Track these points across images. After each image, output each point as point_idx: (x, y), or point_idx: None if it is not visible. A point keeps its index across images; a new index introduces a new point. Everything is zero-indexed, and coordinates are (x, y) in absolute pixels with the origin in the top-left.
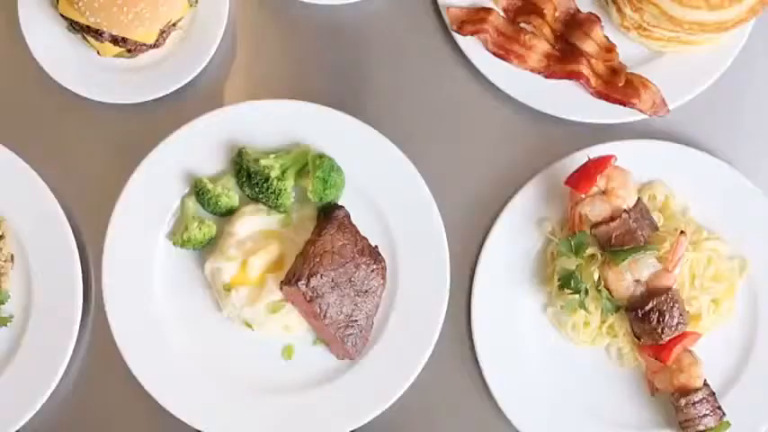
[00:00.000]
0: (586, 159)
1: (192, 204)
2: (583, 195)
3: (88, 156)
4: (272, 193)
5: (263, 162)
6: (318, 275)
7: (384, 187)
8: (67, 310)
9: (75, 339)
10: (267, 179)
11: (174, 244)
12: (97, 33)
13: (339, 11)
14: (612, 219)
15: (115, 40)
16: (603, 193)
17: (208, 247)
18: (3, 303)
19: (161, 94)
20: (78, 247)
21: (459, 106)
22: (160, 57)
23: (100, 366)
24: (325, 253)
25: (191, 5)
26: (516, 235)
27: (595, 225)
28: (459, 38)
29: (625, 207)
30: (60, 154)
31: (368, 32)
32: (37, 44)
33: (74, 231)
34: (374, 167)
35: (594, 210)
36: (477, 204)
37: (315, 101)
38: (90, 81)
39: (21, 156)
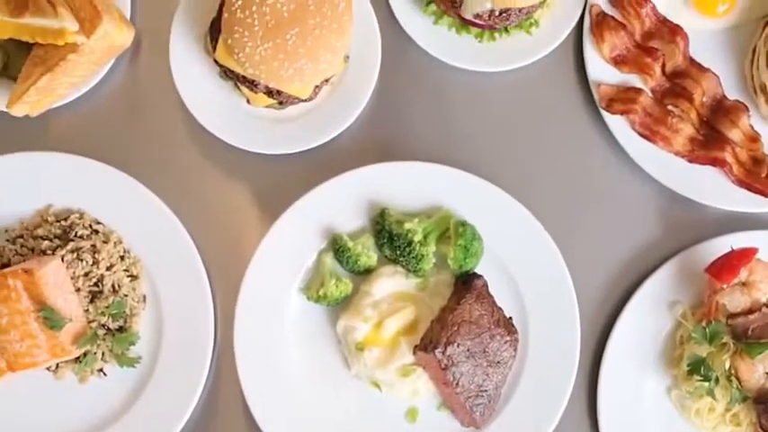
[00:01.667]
0: (729, 249)
1: (330, 261)
2: (723, 285)
3: (229, 203)
4: (413, 257)
5: (406, 225)
6: (455, 344)
7: (520, 258)
8: (196, 355)
9: (202, 386)
10: (410, 243)
11: (308, 299)
12: (252, 84)
13: (488, 77)
14: (751, 311)
15: (270, 92)
16: (744, 284)
17: (341, 304)
18: (133, 344)
19: (306, 147)
20: (211, 294)
21: (600, 182)
22: (308, 110)
23: (224, 413)
24: (462, 322)
25: (344, 62)
26: (647, 316)
27: (732, 315)
28: (606, 115)
29: (765, 300)
30: (202, 199)
31: (515, 100)
32: (186, 88)
33: (208, 277)
34: (512, 237)
35: (734, 301)
36: (610, 281)
37: (457, 165)
38: (237, 129)
39: (162, 198)
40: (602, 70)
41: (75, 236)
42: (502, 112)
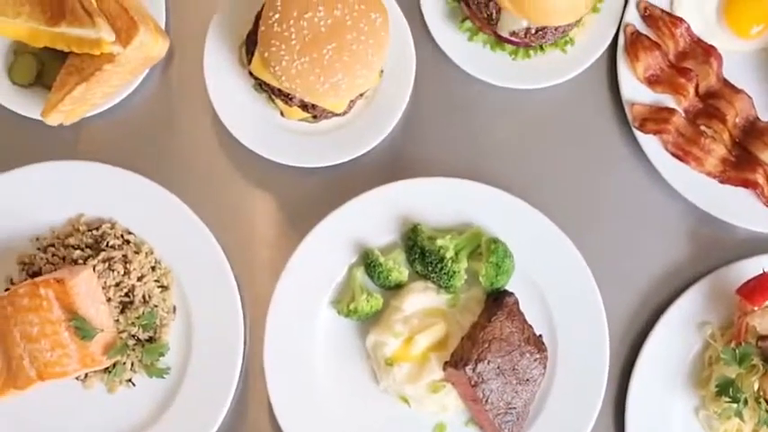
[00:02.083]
0: (761, 271)
1: (360, 275)
2: (754, 307)
3: (260, 215)
4: (445, 273)
5: (438, 242)
6: (485, 361)
7: (550, 275)
8: (225, 366)
9: (231, 397)
10: (442, 260)
11: (338, 313)
12: (287, 97)
13: (521, 94)
14: None
15: (304, 106)
16: None
17: (370, 319)
18: (163, 355)
19: (339, 161)
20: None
21: (631, 200)
22: (341, 124)
23: (251, 425)
24: (493, 339)
25: (379, 76)
26: (676, 335)
27: (762, 337)
28: (638, 134)
29: None
30: (233, 210)
31: (547, 118)
32: (220, 99)
33: (238, 288)
34: (542, 255)
35: (764, 323)
36: (640, 300)
37: (489, 181)
38: (269, 141)
39: (194, 209)
40: (635, 90)
41: (107, 246)
42: (534, 129)
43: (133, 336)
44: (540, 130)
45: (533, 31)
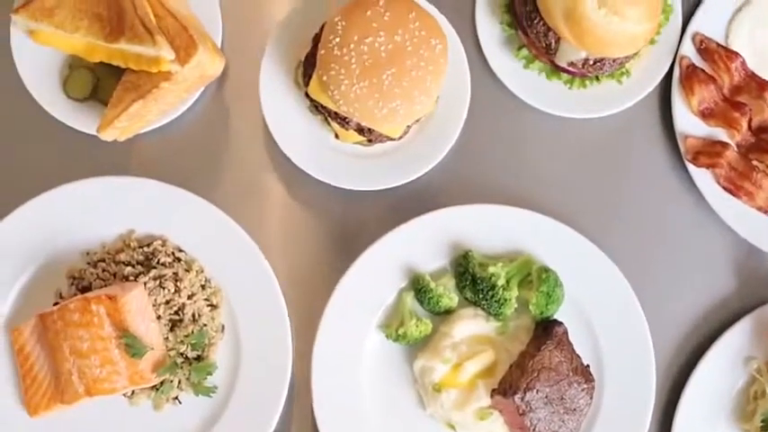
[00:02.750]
0: None
1: (410, 300)
2: None
3: (311, 236)
4: (496, 301)
5: (490, 269)
6: (534, 390)
7: (598, 305)
8: (272, 386)
9: (277, 417)
10: (493, 287)
11: (387, 337)
12: (344, 120)
13: (574, 122)
14: None
15: (361, 130)
16: None
17: (418, 344)
18: (210, 374)
19: (391, 185)
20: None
21: (680, 232)
22: (394, 147)
23: None
24: (542, 369)
25: (435, 102)
26: (722, 369)
27: None
28: (690, 167)
29: None
30: (283, 230)
31: (600, 147)
32: (274, 118)
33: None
34: (591, 284)
35: None
36: (687, 332)
37: (539, 209)
38: (322, 163)
39: (244, 227)
40: (689, 122)
41: (158, 263)
42: (586, 158)
43: (181, 354)
44: (592, 159)
45: (591, 62)
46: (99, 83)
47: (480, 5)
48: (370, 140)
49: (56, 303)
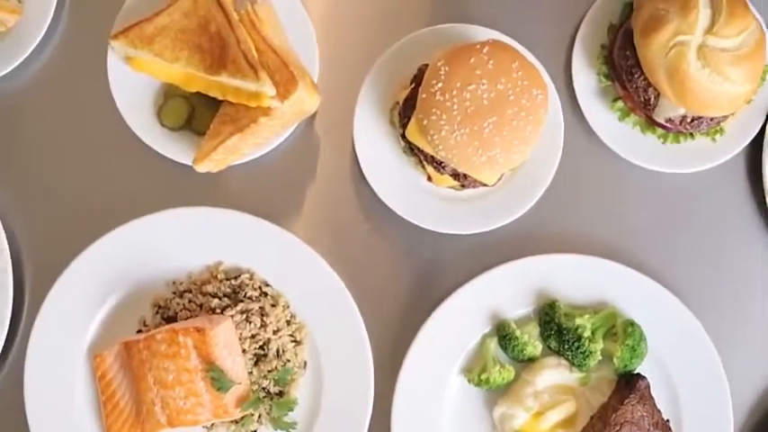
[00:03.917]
0: None
1: (494, 346)
2: None
3: (397, 276)
4: (581, 352)
5: (577, 321)
6: None
7: (681, 362)
8: (353, 425)
9: None
10: (579, 338)
11: (468, 381)
12: (439, 164)
13: (664, 177)
14: None
15: (456, 175)
16: None
17: (499, 390)
18: (292, 410)
19: (481, 230)
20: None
21: (764, 290)
22: (486, 192)
23: None
24: (625, 422)
25: None
26: None
27: None
28: None
29: None
30: (370, 269)
31: (688, 202)
32: (367, 157)
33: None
34: (675, 340)
35: None
36: (765, 391)
37: (626, 261)
38: (413, 204)
39: (331, 264)
40: None
41: (245, 296)
42: (674, 212)
43: (263, 389)
44: (680, 213)
45: (689, 120)
46: (194, 112)
47: (577, 55)
48: (463, 186)
49: (139, 331)
